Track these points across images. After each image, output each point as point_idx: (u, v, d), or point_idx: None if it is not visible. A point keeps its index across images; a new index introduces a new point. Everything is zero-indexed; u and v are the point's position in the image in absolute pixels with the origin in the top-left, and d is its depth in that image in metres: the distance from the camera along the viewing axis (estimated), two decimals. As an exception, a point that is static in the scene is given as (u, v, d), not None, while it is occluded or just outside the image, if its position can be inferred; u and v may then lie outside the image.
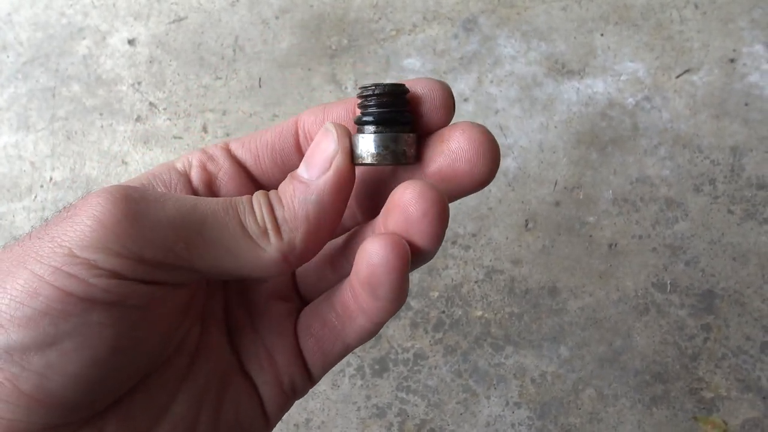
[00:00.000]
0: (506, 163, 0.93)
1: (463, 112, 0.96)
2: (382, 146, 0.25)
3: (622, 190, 0.90)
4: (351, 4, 1.04)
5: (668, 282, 0.87)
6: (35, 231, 0.25)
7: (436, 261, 0.90)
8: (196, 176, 0.30)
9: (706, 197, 0.89)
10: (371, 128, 0.26)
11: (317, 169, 0.25)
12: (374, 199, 0.31)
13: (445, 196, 0.24)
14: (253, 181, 0.31)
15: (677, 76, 0.95)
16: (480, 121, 0.96)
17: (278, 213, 0.26)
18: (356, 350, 0.88)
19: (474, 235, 0.91)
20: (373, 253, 0.24)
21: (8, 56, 1.07)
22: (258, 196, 0.27)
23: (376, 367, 0.87)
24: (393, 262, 0.24)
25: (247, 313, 0.32)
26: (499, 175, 0.93)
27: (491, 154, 0.26)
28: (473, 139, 0.25)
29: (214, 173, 0.30)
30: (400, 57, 1.00)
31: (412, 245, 0.25)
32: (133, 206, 0.24)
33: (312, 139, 0.29)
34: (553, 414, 0.84)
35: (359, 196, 0.31)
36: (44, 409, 0.23)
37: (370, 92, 0.26)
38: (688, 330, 0.85)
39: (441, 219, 0.24)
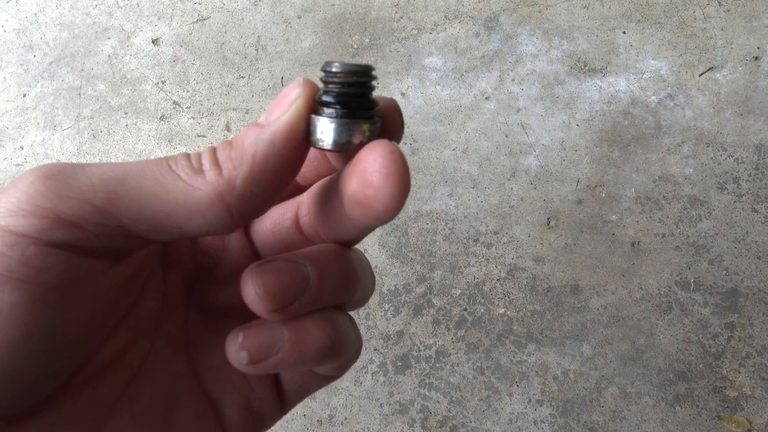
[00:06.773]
0: (528, 161, 0.93)
1: (485, 110, 0.96)
2: (343, 133, 0.23)
3: (645, 189, 0.90)
4: (372, 3, 1.05)
5: (692, 280, 0.86)
6: None
7: (458, 259, 0.91)
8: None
9: (730, 195, 0.89)
10: (333, 111, 0.23)
11: (276, 112, 0.23)
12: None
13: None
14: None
15: (700, 74, 0.94)
16: (502, 120, 0.96)
17: (222, 154, 0.23)
18: (379, 347, 0.89)
19: (496, 233, 0.91)
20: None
21: (35, 56, 1.09)
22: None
23: (399, 364, 0.88)
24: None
25: (213, 324, 0.29)
26: (521, 173, 0.93)
27: (398, 180, 0.22)
28: (381, 162, 0.22)
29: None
30: (421, 56, 1.01)
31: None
32: (52, 169, 0.22)
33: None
34: (575, 412, 0.84)
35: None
36: None
37: (338, 69, 0.24)
38: (711, 328, 0.85)
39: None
